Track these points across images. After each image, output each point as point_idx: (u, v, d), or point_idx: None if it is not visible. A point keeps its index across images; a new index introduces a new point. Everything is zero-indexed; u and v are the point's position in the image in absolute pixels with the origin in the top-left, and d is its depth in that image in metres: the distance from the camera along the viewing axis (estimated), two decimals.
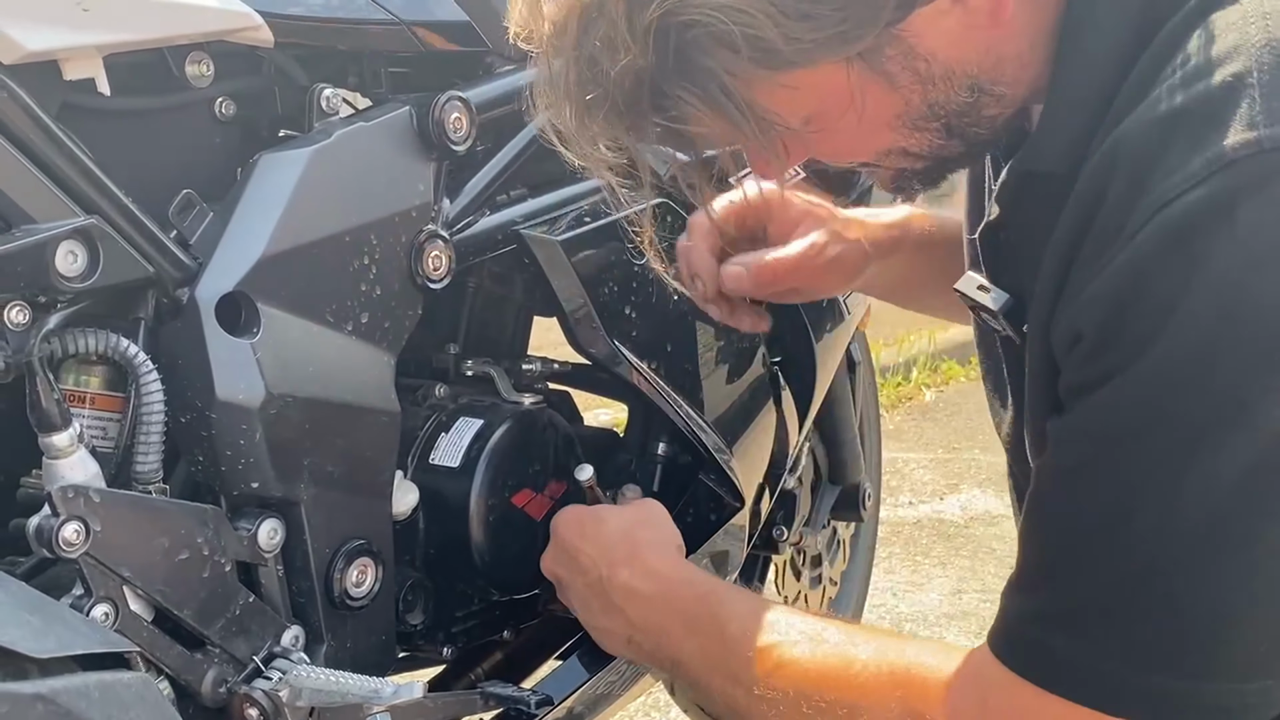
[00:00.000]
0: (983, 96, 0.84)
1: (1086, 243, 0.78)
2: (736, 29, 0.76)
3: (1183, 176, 0.73)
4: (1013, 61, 0.84)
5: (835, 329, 1.55)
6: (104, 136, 0.97)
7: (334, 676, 0.97)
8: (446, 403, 1.21)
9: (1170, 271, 0.73)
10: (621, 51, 0.78)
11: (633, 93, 0.80)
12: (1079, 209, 0.79)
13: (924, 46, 0.80)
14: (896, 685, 0.93)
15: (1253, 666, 0.78)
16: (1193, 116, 0.74)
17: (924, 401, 4.33)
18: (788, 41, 0.76)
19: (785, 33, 0.76)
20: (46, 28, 0.89)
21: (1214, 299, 0.72)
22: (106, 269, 0.91)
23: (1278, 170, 0.71)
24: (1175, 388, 0.74)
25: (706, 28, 0.76)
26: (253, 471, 0.98)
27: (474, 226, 1.17)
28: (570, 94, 0.83)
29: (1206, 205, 0.72)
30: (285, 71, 1.10)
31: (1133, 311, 0.75)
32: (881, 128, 0.85)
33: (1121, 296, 0.75)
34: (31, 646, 0.73)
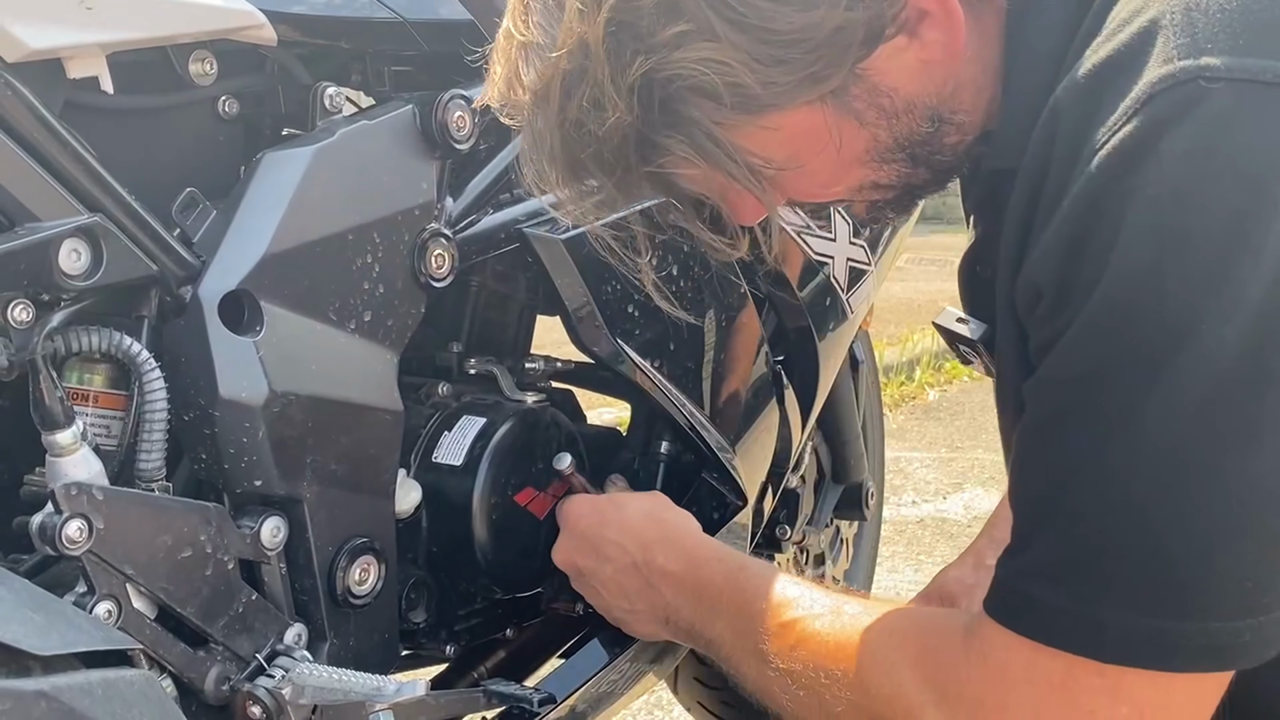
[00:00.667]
0: (943, 125, 0.88)
1: (1039, 210, 0.80)
2: (716, 79, 0.80)
3: (1113, 119, 0.75)
4: (969, 88, 0.88)
5: (838, 328, 1.55)
6: (107, 135, 0.97)
7: (337, 674, 0.97)
8: (449, 401, 1.21)
9: (1108, 210, 0.75)
10: (609, 110, 0.81)
11: (620, 148, 0.83)
12: (1029, 180, 0.81)
13: (886, 83, 0.84)
14: (906, 652, 0.94)
15: (1242, 603, 0.78)
16: (1115, 66, 0.77)
17: (927, 401, 4.33)
18: (764, 86, 0.80)
19: (761, 79, 0.80)
20: (50, 26, 0.89)
21: (1148, 230, 0.74)
22: (110, 267, 0.91)
23: (1195, 98, 0.73)
24: (1124, 323, 0.75)
25: (687, 80, 0.80)
26: (256, 469, 0.98)
27: (477, 225, 1.17)
28: (556, 157, 0.85)
29: (1133, 141, 0.74)
30: (288, 70, 1.11)
31: (1079, 256, 0.77)
32: (853, 163, 0.88)
33: (1069, 243, 0.77)
34: (35, 644, 0.73)
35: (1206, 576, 0.77)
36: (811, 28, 0.79)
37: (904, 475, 3.55)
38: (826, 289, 1.48)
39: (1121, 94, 0.76)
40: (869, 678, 0.95)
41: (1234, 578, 0.77)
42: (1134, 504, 0.77)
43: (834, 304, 1.53)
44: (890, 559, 2.93)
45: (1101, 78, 0.78)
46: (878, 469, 2.05)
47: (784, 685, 1.02)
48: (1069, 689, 0.82)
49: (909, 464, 3.65)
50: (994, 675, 0.87)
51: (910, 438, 3.93)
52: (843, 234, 1.48)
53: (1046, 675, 0.83)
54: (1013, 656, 0.85)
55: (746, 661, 1.06)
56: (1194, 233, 0.73)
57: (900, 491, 3.40)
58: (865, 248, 1.53)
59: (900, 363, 4.53)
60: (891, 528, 3.07)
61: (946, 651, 0.91)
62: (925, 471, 3.59)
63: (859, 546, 2.03)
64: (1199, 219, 0.73)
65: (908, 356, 4.58)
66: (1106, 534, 0.79)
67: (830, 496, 1.81)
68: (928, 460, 3.70)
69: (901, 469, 3.58)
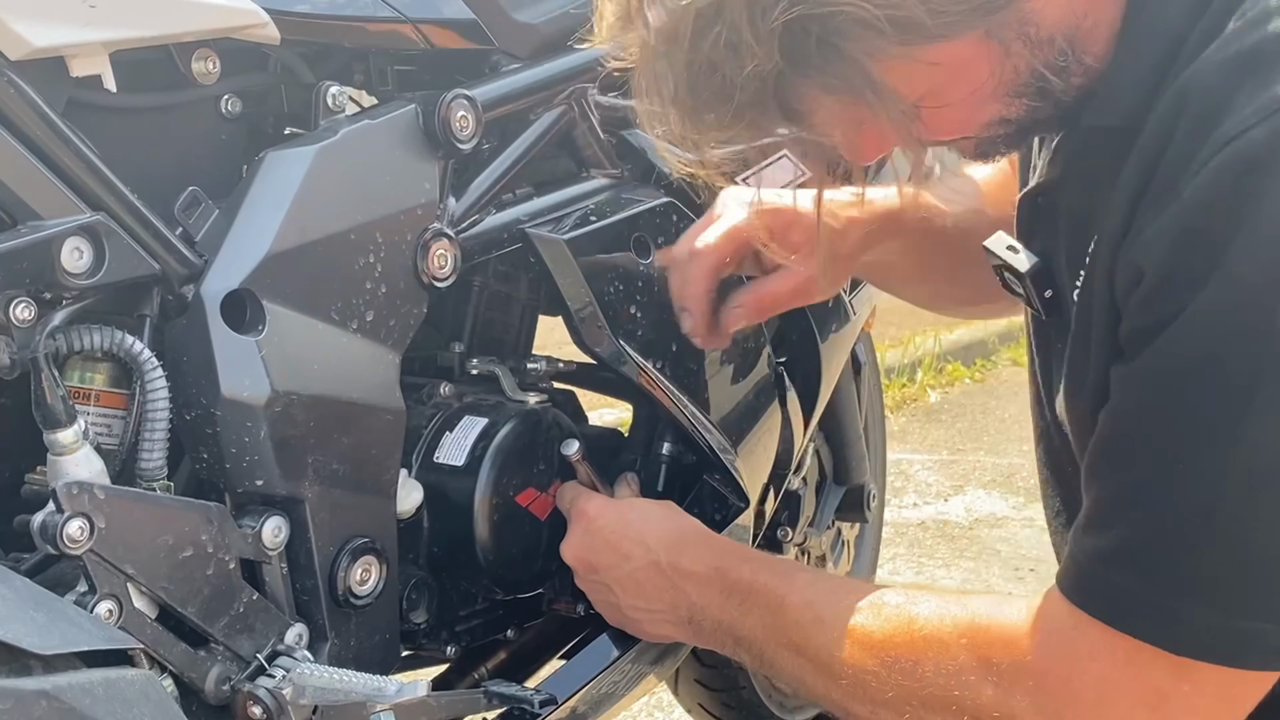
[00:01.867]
0: (1073, 63, 0.85)
1: (1152, 184, 0.79)
2: (880, 10, 0.76)
3: (1249, 113, 0.74)
4: (1103, 28, 0.85)
5: (840, 330, 1.55)
6: (110, 133, 0.97)
7: (338, 675, 0.97)
8: (451, 401, 1.20)
9: (1226, 208, 0.74)
10: (745, 56, 0.77)
11: (759, 92, 0.80)
12: (1146, 153, 0.80)
13: (1035, 10, 0.82)
14: (961, 634, 0.94)
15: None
16: (1261, 56, 0.76)
17: (929, 403, 4.32)
18: (933, 15, 0.77)
19: (931, 7, 0.77)
20: (53, 24, 0.89)
21: (1271, 236, 0.73)
22: (112, 266, 0.91)
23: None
24: (1228, 331, 0.76)
25: (850, 14, 0.76)
26: (257, 469, 0.97)
27: (479, 225, 1.17)
28: (681, 100, 0.82)
29: (1268, 142, 0.73)
30: (291, 69, 1.10)
31: (1192, 249, 0.76)
32: (990, 98, 0.86)
33: (1183, 234, 0.76)
34: (35, 643, 0.73)
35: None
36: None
37: (905, 477, 3.54)
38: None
39: (1262, 88, 0.74)
40: (923, 663, 0.95)
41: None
42: (1224, 506, 0.78)
43: (837, 305, 1.53)
44: (891, 561, 2.93)
45: (1242, 68, 0.76)
46: (879, 471, 2.05)
47: (825, 677, 1.02)
48: (1136, 666, 0.83)
49: (910, 466, 3.65)
50: (1058, 650, 0.87)
51: (912, 440, 3.92)
52: None
53: (1112, 653, 0.84)
54: (1081, 635, 0.86)
55: (781, 655, 1.06)
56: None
57: (901, 493, 3.40)
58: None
59: (902, 364, 4.53)
60: (893, 530, 3.07)
61: (1005, 629, 0.92)
62: (926, 474, 3.58)
63: (860, 548, 2.03)
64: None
65: (909, 358, 4.58)
66: (1192, 529, 0.80)
67: (832, 498, 1.80)
68: (929, 462, 3.69)
69: (903, 471, 3.58)
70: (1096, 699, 0.86)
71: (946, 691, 0.93)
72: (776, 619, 1.07)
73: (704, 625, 1.14)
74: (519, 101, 1.21)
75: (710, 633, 1.14)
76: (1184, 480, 0.80)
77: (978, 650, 0.92)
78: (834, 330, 1.53)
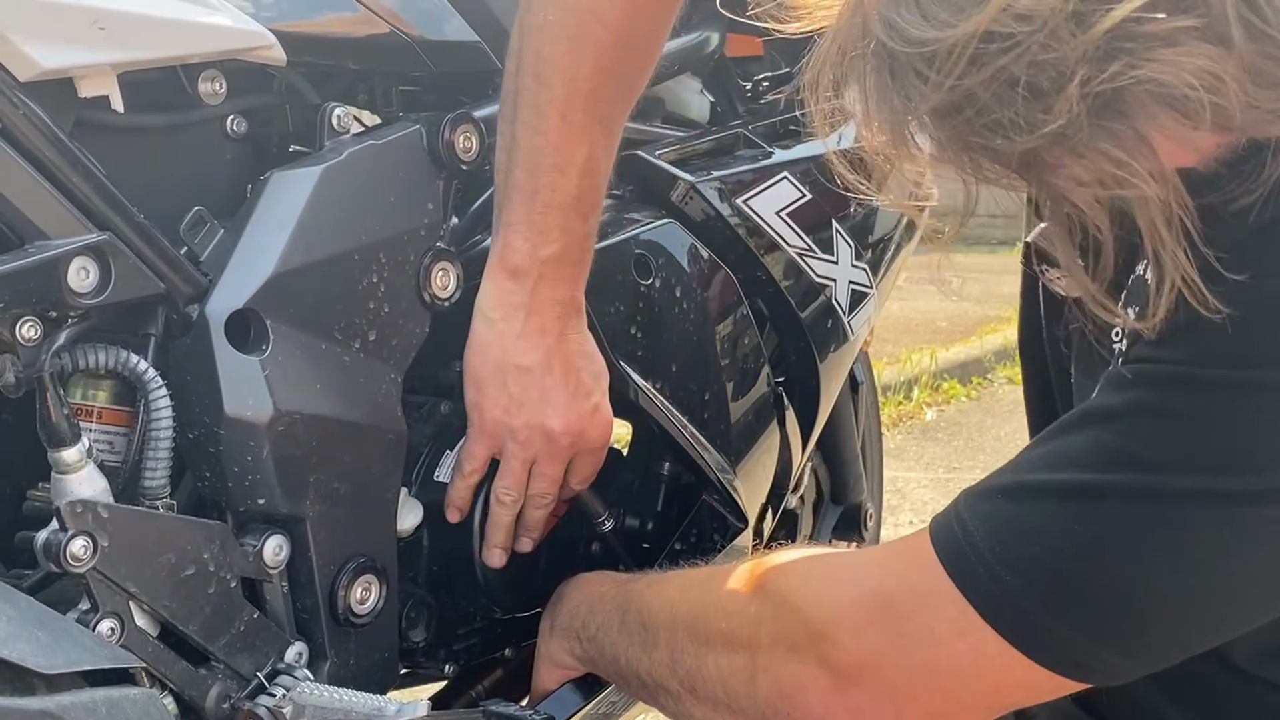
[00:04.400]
0: None
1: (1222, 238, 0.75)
2: (1204, 94, 0.66)
3: None
4: None
5: (839, 349, 1.55)
6: (117, 153, 0.98)
7: (338, 694, 0.97)
8: (451, 420, 1.21)
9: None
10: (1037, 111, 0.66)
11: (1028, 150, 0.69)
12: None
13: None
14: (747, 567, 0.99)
15: (1131, 647, 0.82)
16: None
17: (925, 421, 4.33)
18: (1246, 110, 0.67)
19: (1249, 100, 0.67)
20: (62, 46, 0.90)
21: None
22: (118, 285, 0.91)
23: None
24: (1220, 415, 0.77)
25: (1164, 87, 0.66)
26: (259, 488, 0.98)
27: (482, 245, 1.17)
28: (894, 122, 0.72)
29: None
30: (296, 89, 1.11)
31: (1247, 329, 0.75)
32: None
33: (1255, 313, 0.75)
34: (40, 662, 0.73)
35: (1127, 615, 0.81)
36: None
37: (901, 495, 3.55)
38: (828, 311, 1.48)
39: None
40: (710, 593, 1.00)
41: (1146, 629, 0.82)
42: (1121, 536, 0.80)
43: (835, 326, 1.54)
44: None
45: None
46: (876, 489, 2.05)
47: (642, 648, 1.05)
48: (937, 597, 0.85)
49: (906, 484, 3.65)
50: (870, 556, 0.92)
51: (908, 458, 3.93)
52: (845, 257, 1.49)
53: (929, 583, 0.85)
54: (908, 549, 0.88)
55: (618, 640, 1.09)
56: None
57: (898, 512, 3.40)
58: (867, 270, 1.54)
59: (898, 382, 4.53)
60: None
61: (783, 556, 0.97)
62: (923, 492, 3.58)
63: None
64: None
65: (905, 376, 4.58)
66: (1072, 534, 0.81)
67: (829, 517, 1.81)
68: (925, 481, 3.69)
69: (899, 489, 3.58)
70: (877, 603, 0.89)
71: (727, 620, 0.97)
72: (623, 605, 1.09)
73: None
74: None
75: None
76: (1088, 492, 0.81)
77: (755, 576, 0.96)
78: (833, 350, 1.53)
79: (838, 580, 0.93)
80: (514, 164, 1.08)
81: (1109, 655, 0.82)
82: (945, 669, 0.86)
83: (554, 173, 1.07)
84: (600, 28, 1.05)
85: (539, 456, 1.12)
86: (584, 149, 1.07)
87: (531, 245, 1.08)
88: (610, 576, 1.17)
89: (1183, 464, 0.78)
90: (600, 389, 1.14)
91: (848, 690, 0.89)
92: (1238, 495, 0.77)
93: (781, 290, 1.42)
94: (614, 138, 1.12)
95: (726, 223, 1.36)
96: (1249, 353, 0.77)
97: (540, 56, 1.06)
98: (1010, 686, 0.86)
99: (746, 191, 1.38)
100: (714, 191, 1.35)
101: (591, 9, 1.04)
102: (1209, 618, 0.82)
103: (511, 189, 1.08)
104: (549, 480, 1.14)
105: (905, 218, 1.63)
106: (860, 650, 0.88)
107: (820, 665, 0.90)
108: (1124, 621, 0.82)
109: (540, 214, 1.08)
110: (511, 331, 1.09)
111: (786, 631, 0.93)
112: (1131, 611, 0.81)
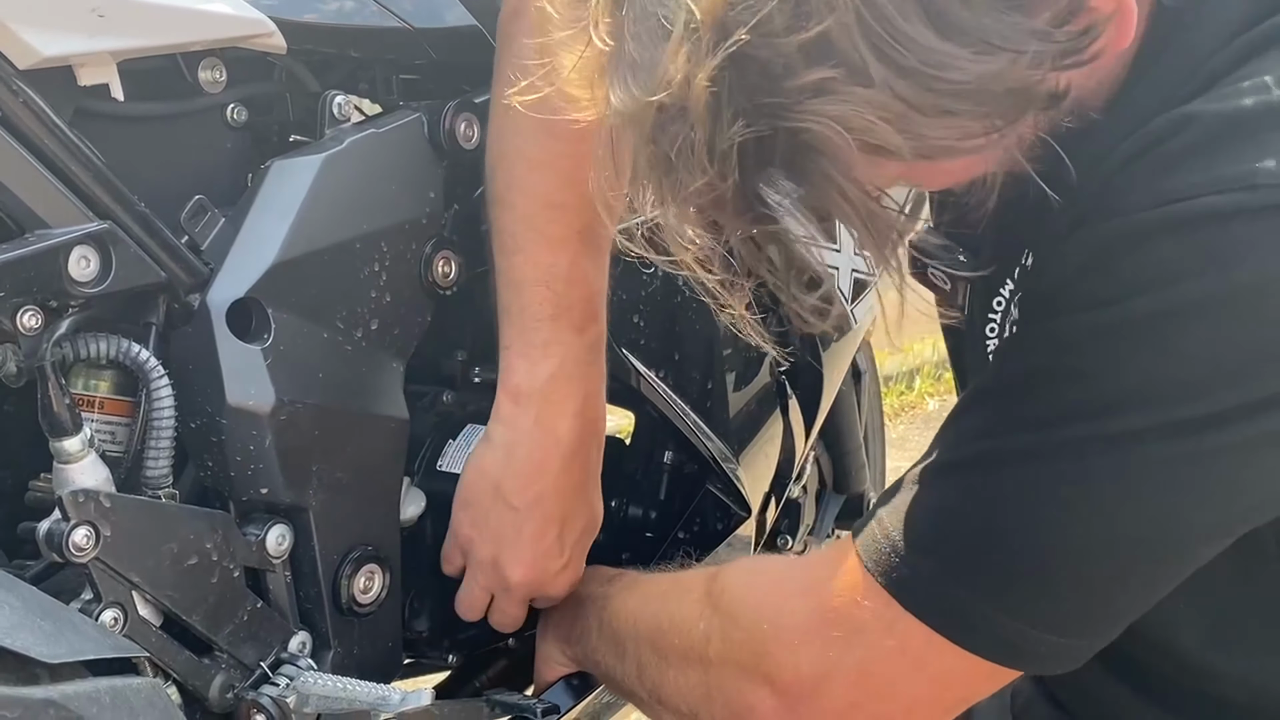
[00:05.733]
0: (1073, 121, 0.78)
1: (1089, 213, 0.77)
2: (850, 137, 0.68)
3: (1202, 180, 0.72)
4: (1105, 86, 0.80)
5: (843, 338, 1.55)
6: (117, 142, 0.97)
7: (341, 683, 0.97)
8: (454, 409, 1.20)
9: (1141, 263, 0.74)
10: (696, 172, 0.70)
11: (716, 201, 0.73)
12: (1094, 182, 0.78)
13: (1033, 123, 0.75)
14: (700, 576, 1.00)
15: (1055, 619, 0.81)
16: (1240, 123, 0.74)
17: (927, 410, 4.32)
18: (916, 140, 0.69)
19: (915, 132, 0.69)
20: (62, 33, 0.89)
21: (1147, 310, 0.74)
22: (119, 274, 0.91)
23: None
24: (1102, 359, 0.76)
25: (816, 135, 0.68)
26: (262, 477, 0.98)
27: (483, 233, 1.17)
28: (644, 177, 0.74)
29: (1210, 209, 0.72)
30: (297, 78, 1.11)
31: (1098, 271, 0.76)
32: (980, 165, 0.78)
33: (1099, 252, 0.76)
34: (43, 652, 0.73)
35: (1041, 582, 0.80)
36: (990, 78, 0.67)
37: None
38: (831, 300, 1.47)
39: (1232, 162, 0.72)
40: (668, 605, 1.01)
41: (1062, 595, 0.81)
42: (1022, 498, 0.79)
43: (838, 314, 1.53)
44: None
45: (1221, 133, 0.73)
46: (879, 479, 2.05)
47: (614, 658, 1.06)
48: (858, 597, 0.85)
49: None
50: (803, 564, 0.92)
51: (911, 447, 3.92)
52: (848, 245, 1.48)
53: (852, 583, 0.86)
54: (834, 553, 0.89)
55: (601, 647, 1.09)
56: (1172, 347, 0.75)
57: None
58: (870, 259, 1.53)
59: (900, 372, 4.53)
60: None
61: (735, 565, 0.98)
62: None
63: None
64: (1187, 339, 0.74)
65: (908, 366, 4.58)
66: (972, 506, 0.81)
67: (832, 507, 1.81)
68: None
69: None
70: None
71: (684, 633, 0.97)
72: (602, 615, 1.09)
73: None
74: None
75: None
76: (988, 466, 0.81)
77: (705, 591, 0.97)
78: (836, 339, 1.53)
79: (774, 594, 0.93)
80: (500, 289, 1.08)
81: (1032, 631, 0.81)
82: (879, 669, 0.86)
83: (537, 286, 1.06)
84: (556, 142, 1.02)
85: (496, 595, 1.13)
86: (564, 258, 1.06)
87: (529, 363, 1.07)
88: (596, 575, 1.16)
89: (1064, 415, 0.77)
90: (576, 550, 1.13)
91: (794, 707, 0.89)
92: (1123, 435, 0.75)
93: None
94: (599, 249, 1.09)
95: None
96: (1101, 291, 0.76)
97: (507, 183, 1.07)
98: (944, 679, 0.85)
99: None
100: None
101: (545, 129, 0.99)
102: (1125, 573, 0.80)
103: (502, 314, 1.08)
104: (509, 619, 1.14)
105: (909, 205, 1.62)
106: (800, 665, 0.88)
107: (765, 684, 0.90)
108: (1040, 589, 0.80)
109: (532, 330, 1.07)
110: (510, 464, 1.08)
111: (732, 650, 0.93)
112: (1045, 576, 0.80)
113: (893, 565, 0.83)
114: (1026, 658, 0.83)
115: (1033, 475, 0.79)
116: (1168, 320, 0.74)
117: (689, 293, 1.29)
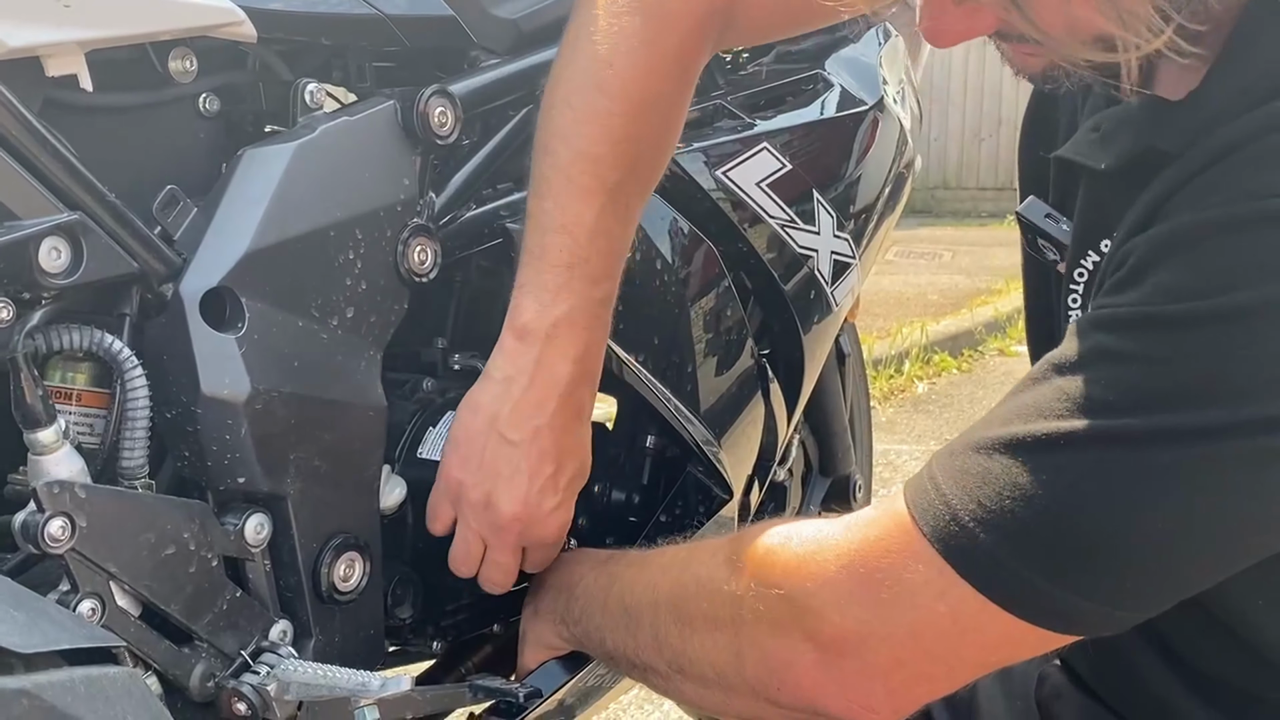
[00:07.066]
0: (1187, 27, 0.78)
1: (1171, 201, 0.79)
2: None
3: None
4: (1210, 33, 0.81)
5: (822, 321, 1.55)
6: (87, 132, 0.97)
7: (322, 670, 0.97)
8: (434, 397, 1.20)
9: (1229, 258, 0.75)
10: None
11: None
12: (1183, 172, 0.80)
13: None
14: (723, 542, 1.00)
15: (1117, 595, 0.82)
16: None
17: (916, 394, 4.33)
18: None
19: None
20: (28, 24, 0.89)
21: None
22: (90, 265, 0.91)
23: None
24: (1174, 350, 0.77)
25: None
26: (239, 466, 0.98)
27: (460, 220, 1.17)
28: None
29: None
30: (269, 66, 1.10)
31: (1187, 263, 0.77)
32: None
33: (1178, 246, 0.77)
34: (17, 641, 0.73)
35: (1110, 563, 0.81)
36: None
37: (893, 468, 3.55)
38: (811, 282, 1.48)
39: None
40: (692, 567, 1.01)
41: (1130, 575, 0.81)
42: (1100, 483, 0.80)
43: (818, 297, 1.54)
44: None
45: None
46: (866, 462, 2.05)
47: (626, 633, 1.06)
48: (909, 560, 0.85)
49: (898, 457, 3.66)
50: (845, 525, 0.91)
51: (899, 431, 3.94)
52: (827, 228, 1.49)
53: (903, 545, 0.86)
54: (883, 515, 0.89)
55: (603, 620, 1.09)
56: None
57: (889, 484, 3.41)
58: (849, 241, 1.53)
59: (889, 356, 4.54)
60: None
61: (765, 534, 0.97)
62: (914, 464, 3.59)
63: None
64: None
65: (896, 349, 4.59)
66: (1043, 485, 0.81)
67: (817, 489, 1.81)
68: (916, 453, 3.70)
69: (890, 462, 3.59)
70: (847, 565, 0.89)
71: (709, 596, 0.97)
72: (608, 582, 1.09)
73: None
74: (498, 97, 1.21)
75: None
76: (1060, 444, 0.81)
77: (734, 552, 0.97)
78: (816, 321, 1.53)
79: (816, 552, 0.93)
80: (527, 231, 1.09)
81: (1088, 604, 0.82)
82: (928, 632, 0.86)
83: (560, 233, 1.07)
84: (603, 98, 1.06)
85: (488, 539, 1.11)
86: (590, 210, 1.07)
87: (539, 305, 1.08)
88: (589, 556, 1.16)
89: (1146, 404, 0.78)
90: (568, 492, 1.12)
91: (836, 663, 0.89)
92: (1202, 431, 0.77)
93: (763, 262, 1.42)
94: (628, 207, 1.11)
95: (707, 195, 1.36)
96: (1204, 284, 0.77)
97: (548, 130, 1.09)
98: (994, 643, 0.86)
99: (726, 163, 1.38)
100: (694, 163, 1.35)
101: (595, 83, 1.06)
102: (1188, 558, 0.82)
103: (523, 253, 1.09)
104: (502, 572, 1.13)
105: (888, 188, 1.63)
106: (845, 622, 0.88)
107: (806, 640, 0.90)
108: (1100, 568, 0.81)
109: (548, 274, 1.07)
110: (509, 398, 1.08)
111: (768, 608, 0.93)
112: (1106, 557, 0.81)
113: (951, 534, 0.84)
114: (1078, 626, 0.84)
115: (1104, 461, 0.79)
116: (1263, 316, 0.75)
117: (668, 278, 1.29)
